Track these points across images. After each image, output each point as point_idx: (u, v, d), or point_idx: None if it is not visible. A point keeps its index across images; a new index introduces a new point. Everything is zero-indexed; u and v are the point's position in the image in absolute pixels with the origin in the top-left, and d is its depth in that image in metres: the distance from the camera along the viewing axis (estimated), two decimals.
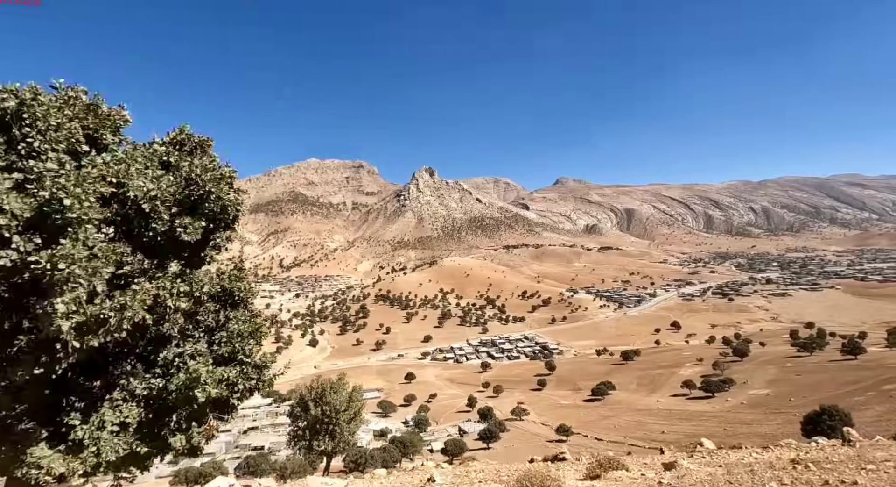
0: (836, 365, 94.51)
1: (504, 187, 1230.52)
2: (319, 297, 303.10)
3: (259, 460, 43.24)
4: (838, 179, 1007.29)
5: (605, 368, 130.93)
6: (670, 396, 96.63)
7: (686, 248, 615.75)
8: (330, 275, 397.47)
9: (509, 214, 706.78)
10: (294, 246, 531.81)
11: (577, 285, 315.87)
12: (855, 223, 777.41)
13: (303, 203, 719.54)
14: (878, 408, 56.44)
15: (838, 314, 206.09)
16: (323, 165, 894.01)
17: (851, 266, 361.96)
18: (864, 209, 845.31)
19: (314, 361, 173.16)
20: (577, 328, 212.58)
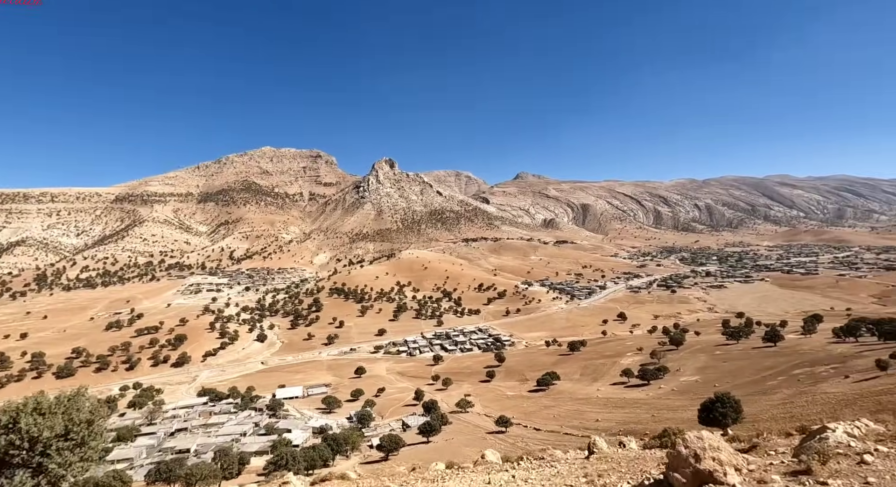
0: (757, 352, 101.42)
1: (465, 181, 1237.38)
2: (271, 290, 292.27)
3: (173, 465, 40.38)
4: (772, 180, 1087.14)
5: (553, 359, 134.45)
6: (610, 384, 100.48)
7: (636, 242, 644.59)
8: (283, 268, 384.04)
9: (469, 207, 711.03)
10: (246, 237, 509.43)
11: (532, 278, 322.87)
12: (785, 220, 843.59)
13: (256, 193, 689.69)
14: (786, 391, 60.81)
15: (766, 304, 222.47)
16: (278, 153, 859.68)
17: (780, 260, 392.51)
18: (793, 208, 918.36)
19: (261, 356, 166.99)
20: (530, 319, 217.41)
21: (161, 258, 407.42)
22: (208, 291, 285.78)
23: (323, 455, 46.41)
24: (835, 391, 53.01)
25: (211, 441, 61.20)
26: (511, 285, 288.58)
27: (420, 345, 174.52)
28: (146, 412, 78.49)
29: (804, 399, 52.91)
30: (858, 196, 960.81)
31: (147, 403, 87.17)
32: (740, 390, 75.32)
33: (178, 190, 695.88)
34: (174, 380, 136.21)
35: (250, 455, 53.74)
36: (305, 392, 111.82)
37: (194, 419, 77.19)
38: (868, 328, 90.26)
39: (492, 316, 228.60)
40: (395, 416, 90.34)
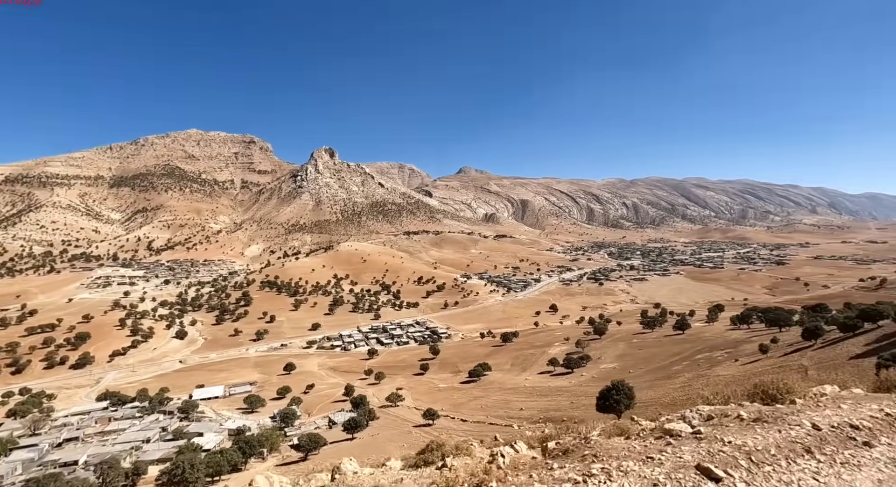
0: (668, 339, 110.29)
1: (409, 173, 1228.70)
2: (195, 284, 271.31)
3: (46, 481, 35.43)
4: (689, 182, 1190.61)
5: (486, 350, 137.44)
6: (538, 374, 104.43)
7: (571, 237, 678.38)
8: (210, 260, 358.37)
9: (412, 200, 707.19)
10: (167, 227, 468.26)
11: (471, 271, 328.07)
12: (699, 219, 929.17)
13: (180, 179, 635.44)
14: (687, 375, 66.54)
15: (680, 295, 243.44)
16: (206, 137, 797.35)
17: (693, 255, 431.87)
18: (706, 208, 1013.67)
19: (180, 355, 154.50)
20: (468, 312, 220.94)
21: (63, 248, 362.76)
22: (120, 284, 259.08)
23: (232, 459, 43.33)
24: (726, 373, 58.61)
25: (105, 451, 55.01)
26: (451, 278, 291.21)
27: (356, 339, 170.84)
28: (29, 421, 68.95)
29: (701, 382, 58.00)
30: (758, 199, 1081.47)
31: (32, 411, 76.76)
32: (651, 375, 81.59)
33: (85, 172, 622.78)
34: (72, 384, 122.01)
35: (150, 464, 48.99)
36: (227, 392, 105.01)
37: (89, 426, 69.10)
38: (758, 316, 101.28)
39: (430, 309, 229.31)
40: (323, 413, 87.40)
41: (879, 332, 48.92)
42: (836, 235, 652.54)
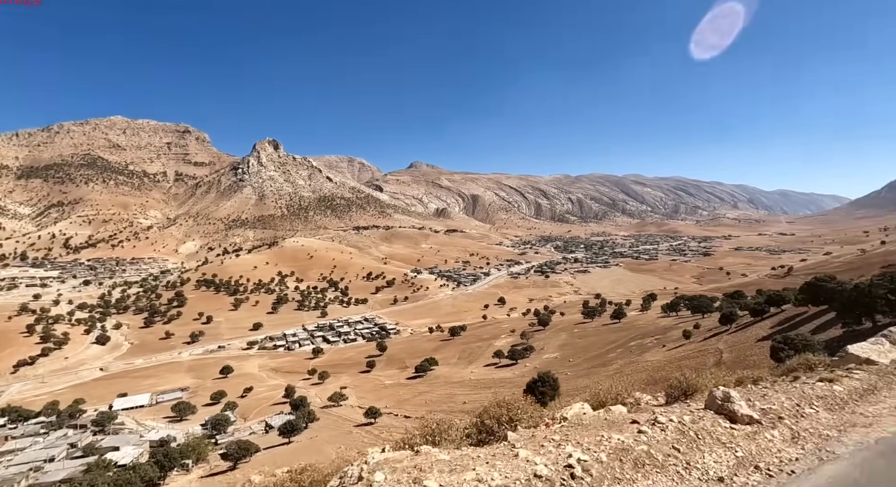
0: (606, 328, 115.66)
1: (359, 168, 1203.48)
2: (120, 284, 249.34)
3: None
4: (628, 178, 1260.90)
5: (434, 344, 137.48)
6: (483, 366, 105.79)
7: (519, 232, 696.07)
8: (139, 258, 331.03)
9: (362, 194, 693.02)
10: (89, 222, 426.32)
11: (422, 266, 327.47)
12: (637, 214, 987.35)
13: (103, 170, 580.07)
14: (620, 362, 69.91)
15: (619, 286, 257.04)
16: (134, 125, 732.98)
17: (631, 248, 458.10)
18: (643, 203, 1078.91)
19: (101, 362, 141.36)
20: (417, 307, 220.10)
21: None
22: (29, 286, 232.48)
23: (146, 474, 39.65)
24: (654, 359, 62.02)
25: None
26: (401, 273, 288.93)
27: (300, 338, 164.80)
28: None
29: (631, 368, 61.02)
30: (689, 195, 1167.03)
31: None
32: (588, 362, 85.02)
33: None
34: None
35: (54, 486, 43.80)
36: (154, 400, 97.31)
37: None
38: (685, 303, 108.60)
39: (379, 305, 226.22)
40: (261, 417, 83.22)
41: (782, 316, 53.75)
42: (753, 228, 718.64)
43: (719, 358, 47.15)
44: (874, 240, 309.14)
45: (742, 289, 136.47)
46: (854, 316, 37.57)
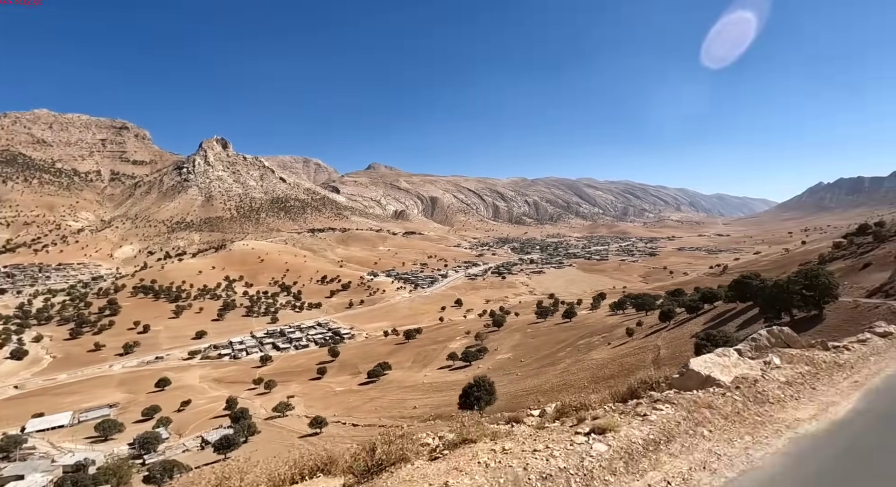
0: (557, 327, 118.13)
1: (314, 168, 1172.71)
2: (43, 292, 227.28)
3: None
4: (581, 182, 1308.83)
5: (389, 348, 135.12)
6: (437, 369, 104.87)
7: (477, 233, 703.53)
8: (67, 263, 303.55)
9: (317, 196, 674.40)
10: (7, 225, 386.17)
11: (379, 269, 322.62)
12: (590, 216, 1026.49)
13: (26, 168, 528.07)
14: (568, 361, 71.20)
15: (572, 286, 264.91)
16: (62, 119, 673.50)
17: (584, 249, 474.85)
18: (595, 205, 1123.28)
19: (16, 378, 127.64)
20: (373, 310, 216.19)
21: None
22: None
23: None
24: (599, 357, 63.49)
25: None
26: (357, 276, 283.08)
27: (248, 346, 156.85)
28: None
29: (577, 367, 62.16)
30: (637, 198, 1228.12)
31: None
32: (538, 362, 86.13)
33: None
34: None
35: None
36: (76, 419, 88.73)
37: None
38: (630, 302, 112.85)
39: (334, 309, 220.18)
40: (198, 432, 77.78)
41: (715, 312, 56.62)
42: (694, 229, 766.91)
43: (657, 355, 48.77)
44: (797, 240, 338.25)
45: (682, 287, 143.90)
46: (774, 311, 39.66)
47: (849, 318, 34.39)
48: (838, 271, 49.27)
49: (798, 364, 9.53)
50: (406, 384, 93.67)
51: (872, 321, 33.28)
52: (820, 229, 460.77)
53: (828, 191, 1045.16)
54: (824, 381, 8.97)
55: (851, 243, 66.11)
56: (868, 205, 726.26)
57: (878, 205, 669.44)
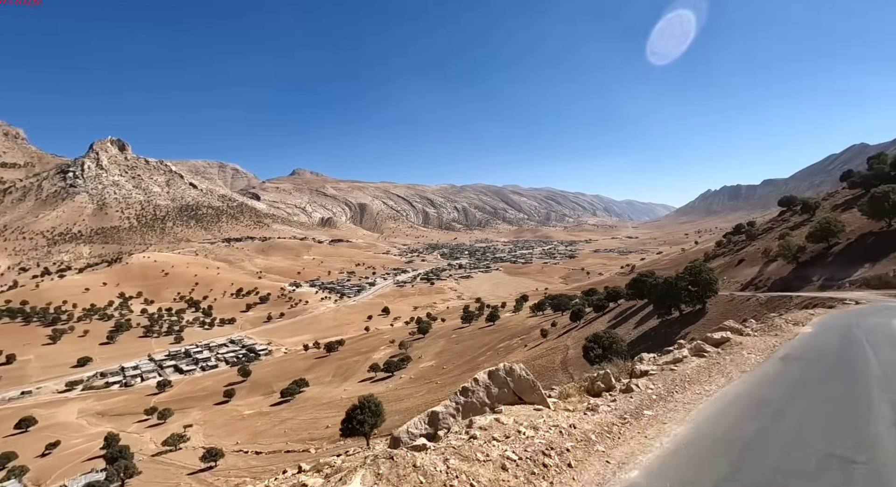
0: (481, 331, 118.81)
1: (232, 174, 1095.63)
2: None
3: None
4: (507, 189, 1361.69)
5: (308, 363, 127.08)
6: (359, 382, 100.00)
7: (407, 240, 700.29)
8: None
9: (234, 203, 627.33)
10: None
11: (303, 279, 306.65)
12: (516, 221, 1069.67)
13: None
14: (487, 365, 70.89)
15: (498, 289, 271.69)
16: None
17: (510, 253, 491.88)
18: (521, 211, 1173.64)
19: None
20: (295, 323, 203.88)
21: None
22: None
23: None
24: (514, 359, 63.67)
25: None
26: (277, 287, 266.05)
27: (144, 371, 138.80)
28: None
29: None
30: (558, 204, 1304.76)
31: None
32: (460, 368, 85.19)
33: None
34: None
35: None
36: None
37: None
38: (549, 303, 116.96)
39: (250, 324, 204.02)
40: (66, 478, 65.71)
41: (618, 310, 59.30)
42: (608, 232, 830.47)
43: (566, 355, 49.48)
44: (691, 241, 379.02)
45: (596, 286, 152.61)
46: (665, 307, 41.51)
47: (725, 311, 36.63)
48: (718, 267, 53.86)
49: None
50: (323, 400, 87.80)
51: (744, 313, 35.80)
52: (710, 230, 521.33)
53: (715, 197, 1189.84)
54: None
55: (729, 242, 73.47)
56: (745, 209, 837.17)
57: (753, 209, 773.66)
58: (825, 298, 29.50)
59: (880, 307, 24.49)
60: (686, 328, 37.39)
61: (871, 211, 36.46)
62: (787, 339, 15.37)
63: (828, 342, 14.63)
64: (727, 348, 13.93)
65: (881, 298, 29.29)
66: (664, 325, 42.52)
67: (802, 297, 32.81)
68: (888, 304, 25.83)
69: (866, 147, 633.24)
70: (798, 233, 46.42)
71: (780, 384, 10.07)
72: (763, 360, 12.32)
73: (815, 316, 22.36)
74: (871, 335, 15.39)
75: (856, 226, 40.86)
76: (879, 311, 23.29)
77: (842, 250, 38.70)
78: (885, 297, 29.89)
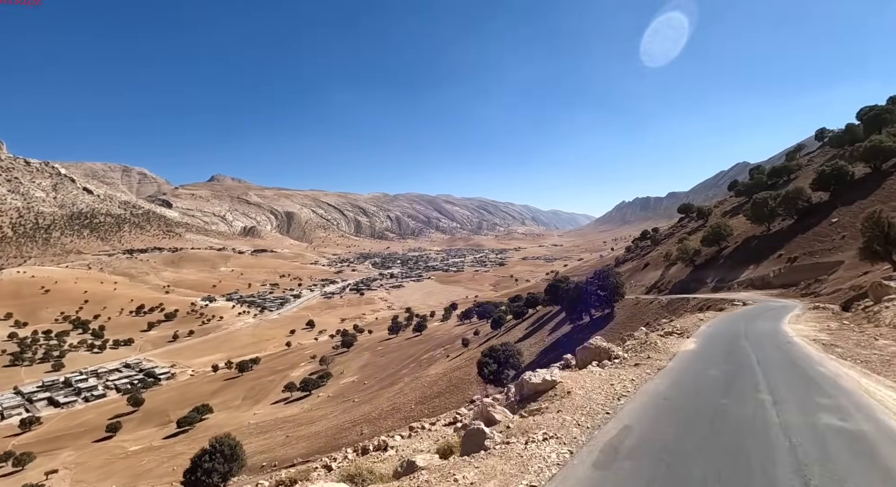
0: (408, 343, 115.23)
1: (139, 179, 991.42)
2: None
3: None
4: (441, 198, 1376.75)
5: (216, 386, 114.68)
6: (272, 404, 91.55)
7: (338, 249, 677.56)
8: None
9: (139, 210, 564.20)
10: None
11: (218, 293, 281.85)
12: (449, 230, 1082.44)
13: None
14: (407, 379, 67.50)
15: (429, 298, 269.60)
16: None
17: (443, 261, 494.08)
18: (454, 220, 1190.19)
19: None
20: (205, 341, 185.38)
21: None
22: None
23: None
24: (434, 372, 61.09)
25: None
26: (187, 302, 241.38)
27: (6, 407, 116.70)
28: None
29: (412, 386, 58.59)
30: (489, 213, 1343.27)
31: None
32: (380, 383, 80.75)
33: None
34: None
35: None
36: None
37: None
38: (476, 311, 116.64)
39: (152, 345, 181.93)
40: None
41: (536, 315, 59.21)
42: (536, 241, 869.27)
43: None
44: (609, 248, 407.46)
45: (523, 293, 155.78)
46: (577, 313, 41.13)
47: (632, 314, 36.75)
48: (627, 271, 55.81)
49: None
50: (227, 428, 78.39)
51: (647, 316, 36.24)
52: (624, 238, 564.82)
53: (629, 208, 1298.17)
54: None
55: (637, 247, 77.65)
56: (654, 219, 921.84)
57: (660, 218, 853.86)
58: (717, 299, 30.22)
59: (764, 308, 25.35)
60: (596, 332, 37.09)
61: (754, 216, 39.23)
62: (657, 369, 11.63)
63: (705, 378, 10.60)
64: (546, 404, 9.10)
65: (764, 298, 30.77)
66: (576, 330, 42.18)
67: (698, 298, 33.48)
68: (770, 304, 26.96)
69: (748, 165, 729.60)
70: (694, 237, 49.33)
71: None
72: (574, 452, 6.87)
73: (704, 321, 22.08)
74: (762, 352, 13.09)
75: (742, 230, 43.94)
76: (764, 312, 23.90)
77: (731, 253, 41.15)
78: (767, 297, 31.46)
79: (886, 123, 48.13)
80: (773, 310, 24.13)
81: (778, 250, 37.56)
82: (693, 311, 27.87)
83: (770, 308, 24.82)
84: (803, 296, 28.05)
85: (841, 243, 33.51)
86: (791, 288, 31.01)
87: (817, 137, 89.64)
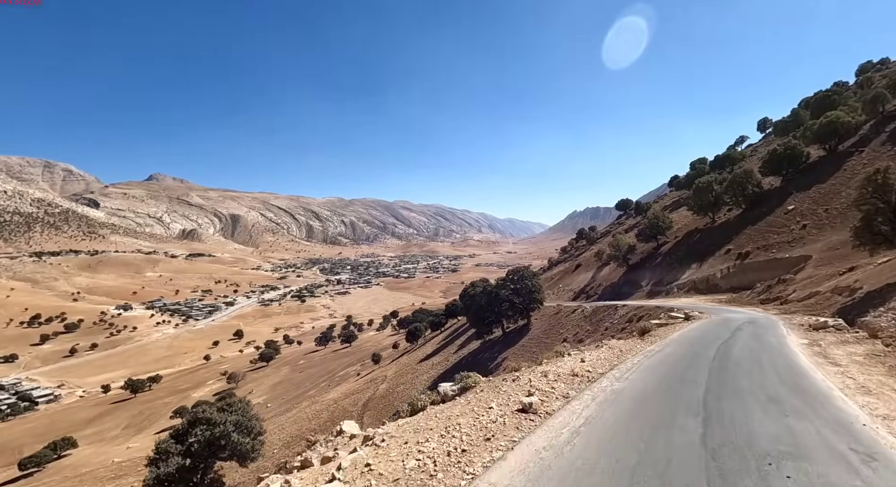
0: (334, 355, 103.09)
1: (63, 175, 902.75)
2: None
3: None
4: (398, 204, 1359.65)
5: (98, 411, 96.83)
6: (156, 433, 76.30)
7: (287, 254, 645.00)
8: None
9: (56, 209, 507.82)
10: None
11: (138, 300, 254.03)
12: (405, 236, 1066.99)
13: None
14: (305, 403, 56.30)
15: (375, 305, 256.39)
16: None
17: (395, 267, 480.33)
18: (410, 226, 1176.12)
19: None
20: (109, 356, 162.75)
21: None
22: None
23: None
24: (332, 396, 50.23)
25: None
26: (96, 311, 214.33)
27: None
28: None
29: (303, 414, 47.16)
30: (446, 220, 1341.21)
31: None
32: (284, 406, 67.93)
33: None
34: None
35: None
36: None
37: None
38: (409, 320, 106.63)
39: (41, 361, 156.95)
40: None
41: (453, 327, 50.14)
42: (491, 248, 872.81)
43: (375, 392, 37.79)
44: None
45: None
46: (486, 325, 32.18)
47: (550, 326, 28.44)
48: (558, 273, 48.15)
49: None
50: (85, 468, 63.15)
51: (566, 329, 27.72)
52: None
53: (580, 217, 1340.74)
54: None
55: (572, 247, 71.08)
56: None
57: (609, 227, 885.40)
58: (652, 308, 21.43)
59: (718, 324, 16.59)
60: (506, 350, 28.24)
61: (697, 204, 32.43)
62: None
63: None
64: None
65: (713, 306, 22.82)
66: (484, 347, 33.05)
67: (629, 306, 24.75)
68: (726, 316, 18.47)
69: None
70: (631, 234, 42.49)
71: None
72: None
73: (624, 361, 12.66)
74: None
75: (683, 224, 37.11)
76: (720, 335, 14.98)
77: (670, 250, 33.98)
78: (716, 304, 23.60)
79: (836, 105, 43.84)
80: (732, 323, 15.88)
81: (725, 245, 31.10)
82: (617, 328, 19.17)
83: (728, 321, 16.60)
84: (764, 303, 20.78)
85: (802, 234, 27.26)
86: (744, 293, 23.90)
87: (759, 127, 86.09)
